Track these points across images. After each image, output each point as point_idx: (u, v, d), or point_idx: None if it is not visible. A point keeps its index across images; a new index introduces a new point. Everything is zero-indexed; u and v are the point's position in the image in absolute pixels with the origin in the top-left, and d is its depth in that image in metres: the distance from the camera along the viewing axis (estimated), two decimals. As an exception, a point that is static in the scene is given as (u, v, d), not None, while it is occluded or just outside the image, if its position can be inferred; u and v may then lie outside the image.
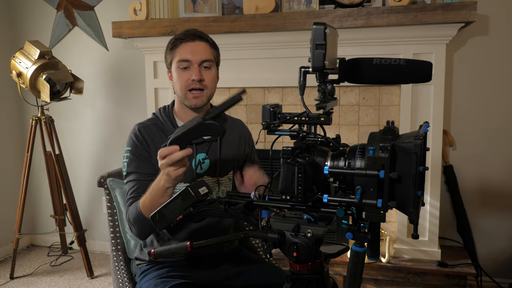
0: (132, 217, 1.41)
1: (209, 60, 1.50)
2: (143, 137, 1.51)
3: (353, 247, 0.92)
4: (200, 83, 1.47)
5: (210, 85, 1.51)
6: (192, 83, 1.47)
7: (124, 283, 1.65)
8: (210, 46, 1.52)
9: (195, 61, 1.47)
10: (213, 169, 1.55)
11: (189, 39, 1.48)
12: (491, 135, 2.59)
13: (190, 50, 1.48)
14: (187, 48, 1.48)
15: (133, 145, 1.51)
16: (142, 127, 1.55)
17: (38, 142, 3.07)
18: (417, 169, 0.82)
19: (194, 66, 1.47)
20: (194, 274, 1.51)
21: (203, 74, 1.48)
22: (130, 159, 1.50)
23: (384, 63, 0.91)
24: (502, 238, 2.63)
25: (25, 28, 3.36)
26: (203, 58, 1.48)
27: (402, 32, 2.37)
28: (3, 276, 3.04)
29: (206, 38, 1.52)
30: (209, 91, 1.51)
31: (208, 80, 1.50)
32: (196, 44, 1.49)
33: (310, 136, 0.97)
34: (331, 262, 2.15)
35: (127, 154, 1.51)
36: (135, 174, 1.48)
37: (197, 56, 1.47)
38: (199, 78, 1.47)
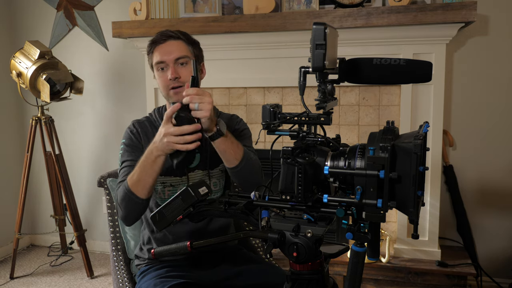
0: (120, 196, 1.43)
1: (183, 56, 1.52)
2: (137, 131, 1.59)
3: (353, 247, 0.92)
4: (177, 80, 1.51)
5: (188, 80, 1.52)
6: (170, 82, 1.51)
7: (124, 283, 1.65)
8: (184, 42, 1.54)
9: (169, 61, 1.51)
10: (203, 162, 1.58)
11: (161, 41, 1.53)
12: (491, 135, 2.59)
13: (163, 51, 1.52)
14: (161, 50, 1.52)
15: (127, 138, 1.58)
16: (137, 122, 1.63)
17: (38, 142, 3.07)
18: (417, 169, 0.82)
19: (169, 65, 1.51)
20: (194, 274, 1.51)
21: (179, 71, 1.51)
22: (124, 150, 1.56)
23: (384, 63, 0.91)
24: (502, 238, 2.63)
25: (25, 28, 3.36)
26: (176, 56, 1.51)
27: (402, 32, 2.37)
28: (3, 276, 3.04)
29: (178, 36, 1.54)
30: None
31: (185, 76, 1.52)
32: (168, 44, 1.52)
33: (310, 136, 0.97)
34: (331, 262, 2.15)
35: (122, 146, 1.58)
36: (128, 161, 1.53)
37: (170, 55, 1.51)
38: (175, 76, 1.50)
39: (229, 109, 2.76)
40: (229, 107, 2.76)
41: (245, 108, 2.76)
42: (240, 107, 2.76)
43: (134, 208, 1.43)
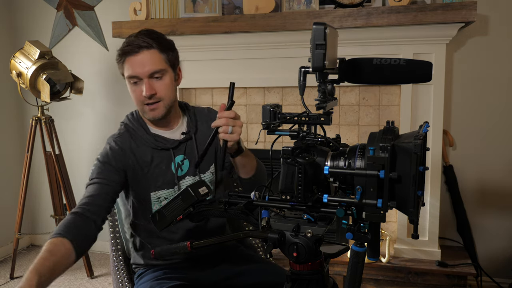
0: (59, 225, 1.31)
1: (158, 70, 1.40)
2: (119, 147, 1.47)
3: (353, 247, 0.92)
4: (153, 97, 1.41)
5: (165, 94, 1.43)
6: (144, 99, 1.42)
7: (124, 283, 1.65)
8: (158, 51, 1.41)
9: (143, 75, 1.40)
10: (193, 168, 1.54)
11: (134, 52, 1.39)
12: (491, 135, 2.59)
13: (136, 64, 1.39)
14: (133, 62, 1.39)
15: (104, 154, 1.47)
16: (118, 137, 1.51)
17: (38, 142, 3.06)
18: (417, 169, 0.82)
19: (143, 80, 1.40)
20: (192, 275, 1.51)
21: (155, 86, 1.41)
22: (97, 166, 1.47)
23: (384, 63, 0.91)
24: (502, 238, 2.63)
25: (25, 28, 3.36)
26: (151, 70, 1.39)
27: (402, 32, 2.37)
28: (3, 276, 3.04)
29: (151, 45, 1.40)
30: (165, 101, 1.44)
31: (161, 91, 1.42)
32: (141, 55, 1.39)
33: (310, 136, 0.97)
34: (331, 262, 2.15)
35: (95, 162, 1.48)
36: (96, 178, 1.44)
37: (144, 68, 1.39)
38: (150, 93, 1.40)
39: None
40: (229, 107, 2.76)
41: (245, 108, 2.76)
42: (240, 107, 2.76)
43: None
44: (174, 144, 1.50)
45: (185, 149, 1.53)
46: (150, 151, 1.48)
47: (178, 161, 1.51)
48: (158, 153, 1.49)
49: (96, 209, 1.36)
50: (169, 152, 1.49)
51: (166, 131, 1.54)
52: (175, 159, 1.50)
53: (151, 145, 1.49)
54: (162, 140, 1.50)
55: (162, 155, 1.49)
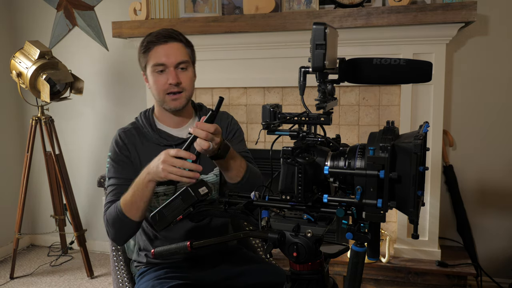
0: (111, 217, 1.39)
1: (184, 61, 1.46)
2: (123, 142, 1.51)
3: (353, 247, 0.92)
4: (178, 86, 1.45)
5: (188, 86, 1.48)
6: (169, 87, 1.45)
7: (124, 283, 1.65)
8: (184, 45, 1.48)
9: (170, 64, 1.44)
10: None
11: (162, 41, 1.44)
12: (491, 135, 2.59)
13: (164, 53, 1.44)
14: (161, 51, 1.44)
15: (113, 151, 1.51)
16: (123, 132, 1.54)
17: (38, 142, 3.07)
18: (417, 169, 0.82)
19: (170, 69, 1.44)
20: (193, 275, 1.51)
21: (180, 76, 1.45)
22: (111, 164, 1.50)
23: (384, 63, 0.91)
24: (502, 238, 2.63)
25: (25, 28, 3.36)
26: (179, 60, 1.45)
27: (402, 32, 2.37)
28: (3, 276, 3.04)
29: (180, 38, 1.48)
30: (187, 92, 1.49)
31: (186, 81, 1.47)
32: (170, 46, 1.45)
33: (310, 136, 0.97)
34: (331, 262, 2.15)
35: (108, 160, 1.52)
36: (114, 179, 1.48)
37: (172, 58, 1.44)
38: (176, 82, 1.44)
39: (229, 109, 2.76)
40: (229, 107, 2.76)
41: (245, 108, 2.76)
42: (240, 107, 2.76)
43: (126, 230, 1.40)
44: (178, 142, 1.51)
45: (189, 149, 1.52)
46: (154, 147, 1.49)
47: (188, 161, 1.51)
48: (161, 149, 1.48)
49: None
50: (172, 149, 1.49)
51: (173, 129, 1.54)
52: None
53: (155, 141, 1.50)
54: (166, 137, 1.51)
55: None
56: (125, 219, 1.35)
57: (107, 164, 1.52)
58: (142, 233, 1.59)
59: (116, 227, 1.39)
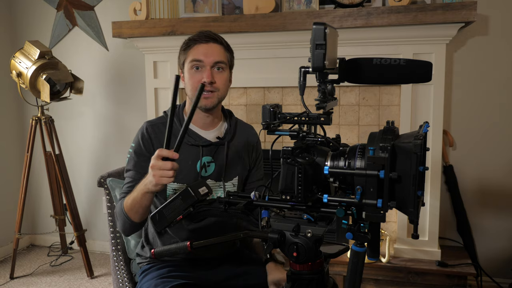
0: (118, 212, 1.46)
1: (222, 62, 1.49)
2: (149, 136, 1.51)
3: (353, 247, 0.92)
4: (211, 85, 1.47)
5: (222, 87, 1.51)
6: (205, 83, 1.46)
7: (124, 283, 1.65)
8: (224, 49, 1.51)
9: (207, 63, 1.47)
10: (218, 173, 1.54)
11: (203, 40, 1.48)
12: (491, 135, 2.59)
13: (203, 51, 1.47)
14: (201, 49, 1.47)
15: (137, 143, 1.52)
16: (150, 125, 1.54)
17: (38, 142, 3.07)
18: (417, 169, 0.82)
19: (206, 67, 1.47)
20: (195, 274, 1.51)
21: (215, 76, 1.48)
22: (132, 156, 1.52)
23: (384, 63, 0.91)
24: (502, 238, 2.63)
25: (25, 28, 3.36)
26: (216, 59, 1.47)
27: (402, 32, 2.36)
28: (3, 276, 3.04)
29: (221, 41, 1.51)
30: (220, 93, 1.51)
31: (220, 82, 1.49)
32: (210, 45, 1.48)
33: (310, 136, 0.97)
34: (331, 262, 2.15)
35: (130, 151, 1.53)
36: (133, 171, 1.50)
37: (210, 57, 1.47)
38: (210, 80, 1.46)
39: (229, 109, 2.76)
40: (229, 107, 2.76)
41: (245, 108, 2.76)
42: (240, 107, 2.76)
43: (129, 227, 1.45)
44: (205, 143, 1.52)
45: (215, 152, 1.54)
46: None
47: (204, 161, 1.52)
48: (188, 147, 1.50)
49: None
50: (198, 149, 1.50)
51: (202, 130, 1.55)
52: (203, 158, 1.51)
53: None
54: (194, 136, 1.52)
55: (191, 150, 1.50)
56: (127, 219, 1.41)
57: (128, 155, 1.53)
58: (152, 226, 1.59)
59: (120, 222, 1.46)
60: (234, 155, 1.58)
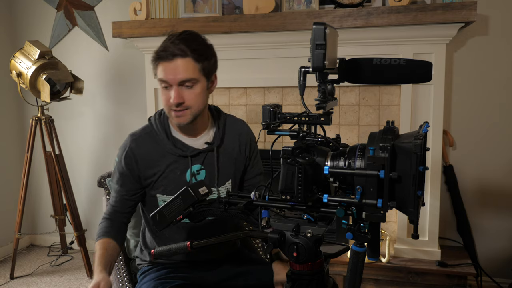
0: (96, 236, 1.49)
1: (189, 79, 1.37)
2: (132, 154, 1.47)
3: (353, 247, 0.92)
4: (180, 105, 1.39)
5: (193, 103, 1.40)
6: (172, 104, 1.39)
7: (124, 283, 1.65)
8: (194, 60, 1.38)
9: (173, 82, 1.37)
10: (209, 179, 1.50)
11: (169, 58, 1.36)
12: (491, 135, 2.59)
13: (168, 71, 1.37)
14: (166, 68, 1.37)
15: (119, 161, 1.50)
16: (134, 140, 1.49)
17: (38, 142, 3.07)
18: (417, 169, 0.82)
19: (173, 87, 1.38)
20: (194, 275, 1.51)
21: (184, 94, 1.38)
22: (116, 171, 1.51)
23: (384, 63, 0.91)
24: (502, 238, 2.63)
25: (25, 28, 3.36)
26: (182, 78, 1.37)
27: (402, 32, 2.36)
28: (3, 276, 3.04)
29: (187, 54, 1.36)
30: (193, 109, 1.41)
31: (190, 99, 1.39)
32: (174, 63, 1.36)
33: (310, 136, 0.97)
34: (331, 262, 2.15)
35: (115, 163, 1.52)
36: (117, 186, 1.51)
37: (175, 76, 1.36)
38: (177, 102, 1.37)
39: (229, 109, 2.76)
40: (229, 107, 2.76)
41: (245, 108, 2.76)
42: (240, 107, 2.76)
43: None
44: (193, 153, 1.48)
45: (204, 159, 1.50)
46: (168, 156, 1.47)
47: (194, 170, 1.49)
48: (175, 158, 1.47)
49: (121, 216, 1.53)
50: (187, 159, 1.47)
51: (189, 138, 1.50)
52: (192, 167, 1.48)
53: (169, 151, 1.47)
54: (181, 147, 1.48)
55: (179, 160, 1.47)
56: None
57: (114, 165, 1.53)
58: (148, 231, 1.59)
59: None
60: (225, 158, 1.53)
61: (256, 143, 1.65)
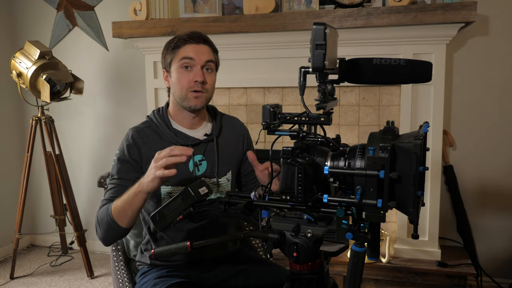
0: (101, 218, 1.38)
1: (212, 61, 1.49)
2: (134, 142, 1.48)
3: (353, 247, 0.92)
4: (202, 85, 1.46)
5: (210, 88, 1.51)
6: (194, 84, 1.45)
7: (124, 283, 1.65)
8: (212, 51, 1.52)
9: (198, 62, 1.46)
10: (210, 170, 1.54)
11: (194, 41, 1.47)
12: (491, 135, 2.59)
13: (195, 51, 1.46)
14: (192, 48, 1.47)
15: (121, 150, 1.49)
16: (135, 131, 1.52)
17: (38, 142, 3.07)
18: (417, 169, 0.82)
19: (197, 67, 1.46)
20: (194, 275, 1.51)
21: (206, 76, 1.47)
22: (115, 163, 1.48)
23: (384, 63, 0.91)
24: (502, 238, 2.63)
25: (25, 28, 3.36)
26: (207, 58, 1.47)
27: (402, 32, 2.37)
28: (3, 276, 3.04)
29: (210, 43, 1.52)
30: (209, 94, 1.51)
31: (210, 83, 1.49)
32: (200, 46, 1.48)
33: (310, 136, 0.97)
34: (331, 262, 2.15)
35: (115, 158, 1.51)
36: (116, 178, 1.46)
37: (202, 56, 1.46)
38: (202, 80, 1.45)
39: (229, 109, 2.76)
40: (229, 107, 2.76)
41: (245, 108, 2.76)
42: (240, 107, 2.76)
43: (113, 234, 1.39)
44: (194, 142, 1.51)
45: (205, 150, 1.53)
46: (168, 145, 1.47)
47: (196, 160, 1.51)
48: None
49: None
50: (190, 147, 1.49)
51: (189, 130, 1.54)
52: (194, 157, 1.51)
53: (171, 140, 1.49)
54: (183, 137, 1.51)
55: None
56: (113, 223, 1.34)
57: (113, 162, 1.51)
58: (147, 233, 1.59)
59: (104, 229, 1.38)
60: (225, 149, 1.58)
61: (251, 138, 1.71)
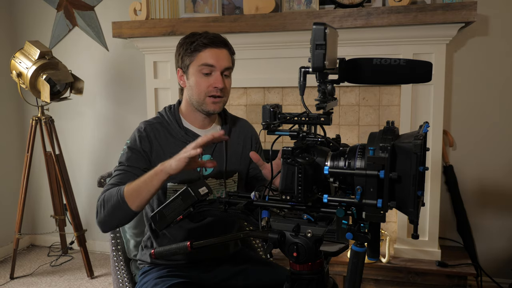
0: (109, 198, 1.33)
1: (230, 68, 1.51)
2: (147, 134, 1.48)
3: (353, 247, 0.92)
4: (222, 91, 1.48)
5: (227, 93, 1.53)
6: (213, 90, 1.46)
7: (124, 283, 1.65)
8: (230, 54, 1.52)
9: (219, 68, 1.46)
10: (218, 171, 1.54)
11: (215, 45, 1.46)
12: (491, 135, 2.59)
13: (215, 57, 1.46)
14: (213, 53, 1.46)
15: (132, 139, 1.49)
16: (148, 124, 1.52)
17: (38, 142, 3.07)
18: (417, 169, 0.82)
19: (216, 73, 1.46)
20: (195, 274, 1.51)
21: (225, 82, 1.49)
22: (125, 152, 1.47)
23: (384, 63, 0.91)
24: (502, 238, 2.63)
25: (25, 28, 3.36)
26: (227, 65, 1.48)
27: (402, 32, 2.37)
28: (3, 276, 3.04)
29: (229, 46, 1.52)
30: (226, 98, 1.53)
31: (228, 88, 1.52)
32: (221, 51, 1.48)
33: (310, 136, 0.97)
34: (331, 262, 2.15)
35: (125, 147, 1.49)
36: (124, 165, 1.44)
37: (222, 62, 1.47)
38: (223, 86, 1.47)
39: (229, 109, 2.74)
40: (229, 107, 2.76)
41: (245, 108, 2.76)
42: (240, 107, 2.76)
43: (118, 216, 1.34)
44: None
45: (214, 150, 1.54)
46: (179, 144, 1.48)
47: (204, 160, 1.51)
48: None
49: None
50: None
51: (200, 130, 1.55)
52: (202, 157, 1.51)
53: (181, 139, 1.50)
54: (193, 136, 1.51)
55: None
56: (123, 203, 1.30)
57: (122, 151, 1.49)
58: (148, 230, 1.59)
59: (109, 210, 1.33)
60: (232, 151, 1.58)
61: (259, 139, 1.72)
